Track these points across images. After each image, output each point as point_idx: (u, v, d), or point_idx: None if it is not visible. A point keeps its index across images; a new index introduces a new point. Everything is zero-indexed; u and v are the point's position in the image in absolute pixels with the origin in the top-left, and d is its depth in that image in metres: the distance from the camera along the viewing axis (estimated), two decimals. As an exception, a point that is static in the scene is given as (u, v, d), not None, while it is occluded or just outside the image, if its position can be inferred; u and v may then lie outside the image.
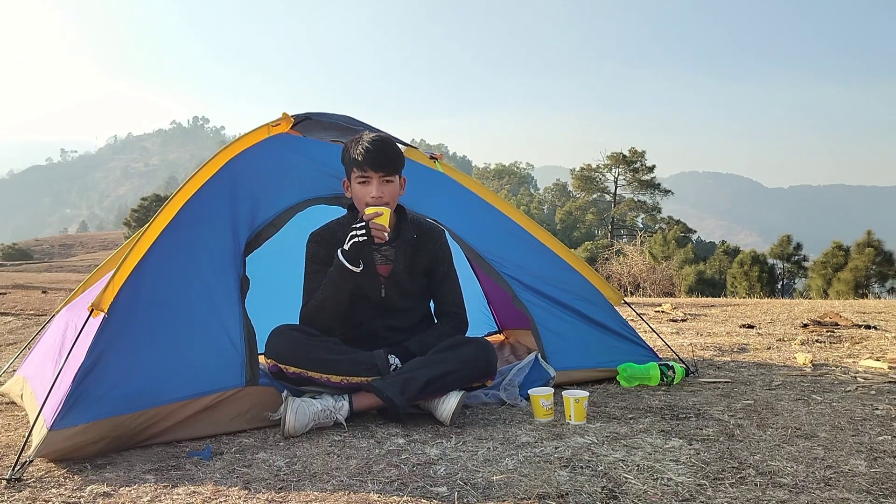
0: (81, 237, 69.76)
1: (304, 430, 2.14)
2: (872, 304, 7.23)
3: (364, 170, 2.36)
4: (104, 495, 1.64)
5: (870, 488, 1.64)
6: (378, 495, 1.62)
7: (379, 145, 2.38)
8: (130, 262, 2.14)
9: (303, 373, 2.23)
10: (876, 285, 24.66)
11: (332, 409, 2.20)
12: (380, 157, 2.36)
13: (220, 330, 2.21)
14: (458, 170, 3.16)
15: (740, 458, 1.87)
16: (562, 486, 1.65)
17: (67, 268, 28.77)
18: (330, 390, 2.26)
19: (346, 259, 2.33)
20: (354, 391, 2.27)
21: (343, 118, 2.85)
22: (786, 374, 3.08)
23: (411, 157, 2.95)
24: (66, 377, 1.95)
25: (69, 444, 1.86)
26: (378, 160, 2.36)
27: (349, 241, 2.33)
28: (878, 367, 3.22)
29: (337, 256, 2.35)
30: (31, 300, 7.22)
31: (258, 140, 2.62)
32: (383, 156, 2.37)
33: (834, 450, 1.94)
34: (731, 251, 31.54)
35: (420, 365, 2.29)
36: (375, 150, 2.36)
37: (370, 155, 2.35)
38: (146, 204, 41.74)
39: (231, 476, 1.77)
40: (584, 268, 3.13)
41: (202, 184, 2.40)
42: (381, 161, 2.36)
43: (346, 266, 2.33)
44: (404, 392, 2.20)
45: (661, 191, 48.03)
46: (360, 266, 2.37)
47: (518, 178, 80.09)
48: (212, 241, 2.33)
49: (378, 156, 2.36)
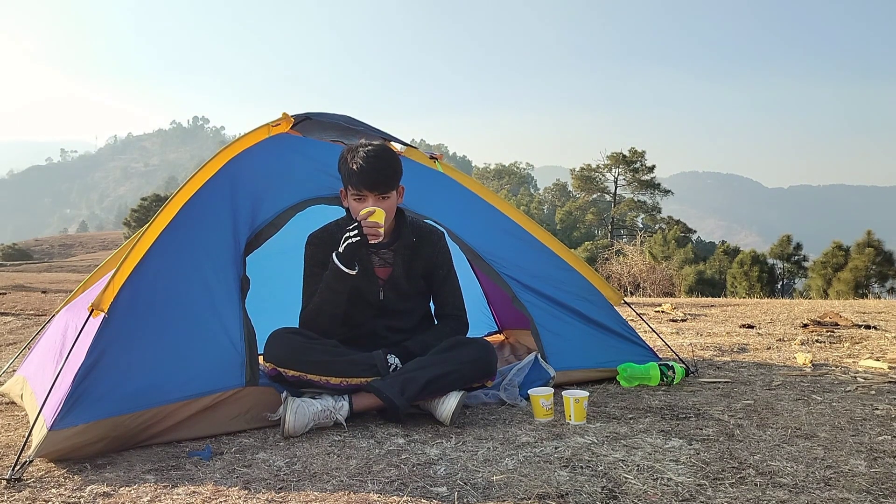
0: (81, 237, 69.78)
1: (303, 430, 2.14)
2: (872, 304, 7.23)
3: (359, 190, 2.32)
4: (104, 495, 1.64)
5: (870, 488, 1.64)
6: (378, 495, 1.62)
7: (374, 164, 2.29)
8: (130, 262, 2.14)
9: (302, 376, 2.22)
10: (876, 285, 24.65)
11: (332, 410, 2.20)
12: (375, 177, 2.30)
13: (220, 330, 2.21)
14: (457, 170, 3.16)
15: (740, 458, 1.87)
16: (562, 486, 1.65)
17: (67, 268, 28.77)
18: (329, 391, 2.26)
19: (341, 261, 2.31)
20: (354, 392, 2.27)
21: (343, 118, 2.85)
22: (786, 374, 3.08)
23: (411, 156, 2.95)
24: (66, 377, 1.95)
25: (69, 444, 1.86)
26: (373, 181, 2.30)
27: (343, 243, 2.31)
28: (878, 367, 3.22)
29: (332, 259, 2.33)
30: (31, 300, 7.22)
31: (258, 140, 2.62)
32: (378, 175, 2.30)
33: (834, 450, 1.94)
34: (731, 251, 31.53)
35: (420, 365, 2.28)
36: (370, 170, 2.28)
37: (365, 176, 2.28)
38: (146, 204, 41.75)
39: (231, 476, 1.77)
40: (584, 268, 3.13)
41: (202, 184, 2.40)
42: (376, 182, 2.30)
43: (341, 268, 2.31)
44: (404, 392, 2.20)
45: (661, 191, 48.02)
46: (356, 269, 2.35)
47: (518, 178, 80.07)
48: (212, 240, 2.33)
49: (373, 176, 2.29)
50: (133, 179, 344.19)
